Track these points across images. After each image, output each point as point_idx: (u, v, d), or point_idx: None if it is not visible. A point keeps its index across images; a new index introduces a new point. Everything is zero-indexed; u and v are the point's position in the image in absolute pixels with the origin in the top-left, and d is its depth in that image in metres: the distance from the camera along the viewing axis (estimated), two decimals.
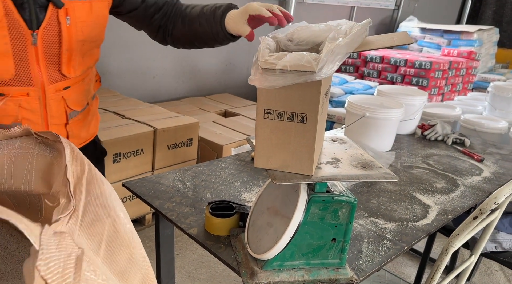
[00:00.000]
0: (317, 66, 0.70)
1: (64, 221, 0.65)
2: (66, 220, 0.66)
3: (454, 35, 4.59)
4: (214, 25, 1.08)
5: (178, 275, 2.10)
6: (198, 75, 3.59)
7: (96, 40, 1.05)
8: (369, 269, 0.95)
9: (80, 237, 0.65)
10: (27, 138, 0.89)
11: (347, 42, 0.74)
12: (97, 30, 1.03)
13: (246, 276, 0.89)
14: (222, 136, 2.63)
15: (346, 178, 0.84)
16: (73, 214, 0.69)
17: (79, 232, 0.66)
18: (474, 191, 1.42)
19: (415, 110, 1.90)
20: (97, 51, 1.11)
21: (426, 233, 1.13)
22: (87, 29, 0.99)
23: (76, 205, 0.71)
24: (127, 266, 0.64)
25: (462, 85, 4.25)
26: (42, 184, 0.85)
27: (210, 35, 1.11)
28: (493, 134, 2.43)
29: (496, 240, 1.63)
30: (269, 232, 0.90)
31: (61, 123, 1.06)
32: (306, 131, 0.80)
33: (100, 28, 1.04)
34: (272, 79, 0.73)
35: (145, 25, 1.17)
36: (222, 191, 1.26)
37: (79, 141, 1.13)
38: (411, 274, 2.24)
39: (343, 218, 0.88)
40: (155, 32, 1.18)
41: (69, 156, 0.79)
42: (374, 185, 1.39)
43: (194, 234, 1.03)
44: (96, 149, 1.25)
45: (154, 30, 1.18)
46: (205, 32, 1.11)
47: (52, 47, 0.96)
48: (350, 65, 4.25)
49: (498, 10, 6.59)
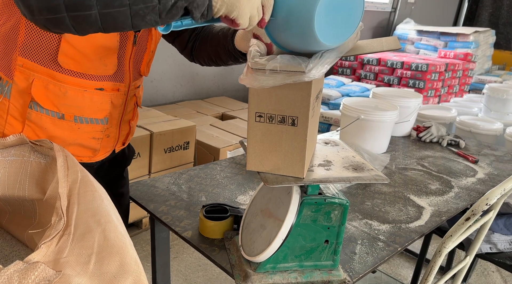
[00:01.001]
0: (306, 67, 0.71)
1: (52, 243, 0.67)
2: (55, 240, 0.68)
3: (451, 37, 4.61)
4: (226, 40, 1.09)
5: (175, 279, 2.10)
6: (196, 79, 3.60)
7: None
8: (362, 271, 0.96)
9: (71, 253, 0.67)
10: (22, 147, 0.90)
11: (337, 49, 0.75)
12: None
13: (240, 278, 0.90)
14: (219, 140, 2.63)
15: (338, 180, 0.84)
16: (65, 230, 0.70)
17: (70, 248, 0.68)
18: (468, 192, 1.42)
19: (410, 112, 1.91)
20: None
21: (420, 235, 1.13)
22: (160, 34, 1.07)
23: (68, 220, 0.72)
24: (117, 274, 0.65)
25: (459, 87, 4.27)
26: (36, 190, 0.86)
27: (224, 49, 1.11)
28: (488, 136, 2.44)
29: (491, 241, 1.63)
30: (262, 234, 0.91)
31: (128, 119, 1.12)
32: (297, 134, 0.80)
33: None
34: (262, 79, 0.73)
35: (174, 37, 1.20)
36: (217, 194, 1.27)
37: (132, 137, 1.19)
38: (408, 276, 2.25)
39: (335, 220, 0.89)
40: (183, 46, 1.20)
41: (61, 167, 0.80)
42: (368, 187, 1.40)
43: (189, 237, 1.04)
44: (129, 147, 1.28)
45: (183, 44, 1.20)
46: (220, 46, 1.11)
47: (142, 47, 1.03)
48: (347, 68, 4.27)
49: (495, 12, 6.62)
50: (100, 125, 1.00)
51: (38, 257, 0.64)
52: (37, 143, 0.88)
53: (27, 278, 0.59)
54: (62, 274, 0.63)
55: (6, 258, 0.87)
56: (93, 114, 0.98)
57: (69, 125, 0.96)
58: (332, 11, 0.70)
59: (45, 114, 0.92)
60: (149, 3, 0.63)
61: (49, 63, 0.89)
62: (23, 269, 0.59)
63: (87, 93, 0.94)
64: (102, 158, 1.09)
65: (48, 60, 0.88)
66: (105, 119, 1.01)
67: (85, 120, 0.97)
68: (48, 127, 0.93)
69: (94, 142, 1.02)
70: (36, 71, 0.89)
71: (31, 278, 0.59)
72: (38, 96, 0.90)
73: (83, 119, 0.97)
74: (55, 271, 0.63)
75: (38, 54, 0.88)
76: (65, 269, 0.64)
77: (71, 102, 0.93)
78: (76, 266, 0.65)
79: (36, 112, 0.92)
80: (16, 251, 0.88)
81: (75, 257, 0.67)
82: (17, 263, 0.60)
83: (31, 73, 0.89)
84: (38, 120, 0.92)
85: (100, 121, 1.00)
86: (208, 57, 1.17)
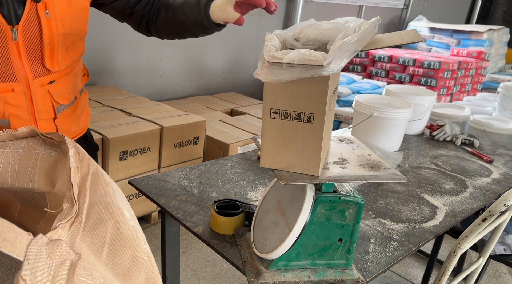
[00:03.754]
0: (325, 60, 0.69)
1: (65, 227, 0.66)
2: (67, 225, 0.67)
3: (464, 35, 4.55)
4: (198, 14, 1.07)
5: (183, 273, 2.10)
6: (205, 74, 3.59)
7: (79, 33, 1.04)
8: (376, 270, 0.94)
9: (83, 240, 0.66)
10: (33, 139, 0.90)
11: (356, 40, 0.73)
12: (79, 23, 1.02)
13: (252, 275, 0.89)
14: (228, 135, 2.62)
15: (353, 178, 0.83)
16: (76, 218, 0.69)
17: (82, 235, 0.67)
18: (483, 192, 1.40)
19: (424, 110, 1.88)
20: (81, 44, 1.10)
21: (434, 235, 1.11)
22: (68, 22, 0.98)
23: (80, 208, 0.71)
24: (130, 267, 0.64)
25: (471, 86, 4.21)
26: (46, 183, 0.85)
27: (194, 24, 1.09)
28: (503, 136, 2.40)
29: (505, 243, 1.61)
30: (274, 231, 0.90)
31: (49, 118, 1.06)
32: (313, 131, 0.79)
33: (82, 21, 1.03)
34: (278, 73, 0.72)
35: (127, 15, 1.17)
36: (228, 190, 1.26)
37: (69, 136, 1.13)
38: (418, 276, 2.22)
39: (350, 218, 0.87)
40: (138, 23, 1.18)
41: (73, 158, 0.79)
42: (381, 185, 1.38)
43: (200, 232, 1.03)
44: (87, 143, 1.25)
45: (137, 21, 1.17)
46: (190, 21, 1.10)
47: (33, 41, 0.95)
48: (358, 65, 4.23)
49: (509, 10, 6.51)
50: (2, 127, 0.95)
51: (57, 236, 0.63)
52: (48, 135, 0.88)
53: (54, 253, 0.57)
54: (81, 257, 0.62)
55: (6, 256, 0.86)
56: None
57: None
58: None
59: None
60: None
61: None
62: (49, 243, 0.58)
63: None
64: None
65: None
66: (5, 121, 0.96)
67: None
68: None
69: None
70: None
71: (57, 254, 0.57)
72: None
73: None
74: (75, 253, 0.62)
75: None
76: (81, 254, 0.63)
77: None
78: (89, 254, 0.64)
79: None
80: None
81: (87, 245, 0.66)
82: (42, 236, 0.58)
83: None
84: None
85: (1, 122, 0.96)
86: (173, 32, 1.15)
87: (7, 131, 0.85)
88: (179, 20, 1.11)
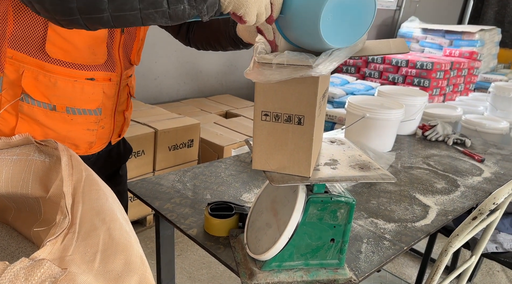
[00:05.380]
0: (314, 61, 0.70)
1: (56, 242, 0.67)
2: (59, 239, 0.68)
3: (456, 36, 4.58)
4: (228, 22, 1.07)
5: (179, 276, 2.10)
6: (199, 76, 3.60)
7: None
8: (368, 270, 0.95)
9: (76, 251, 0.67)
10: (27, 146, 0.90)
11: (347, 48, 0.75)
12: None
13: (245, 276, 0.90)
14: (223, 137, 2.63)
15: (344, 179, 0.84)
16: (70, 228, 0.70)
17: (75, 246, 0.68)
18: (474, 191, 1.42)
19: (416, 110, 1.90)
20: None
21: (426, 234, 1.12)
22: None
23: (73, 218, 0.72)
24: (122, 272, 0.65)
25: (464, 86, 4.25)
26: (40, 188, 0.86)
27: (224, 34, 1.10)
28: (494, 135, 2.43)
29: (497, 241, 1.63)
30: (268, 232, 0.91)
31: (122, 110, 1.11)
32: (304, 133, 0.80)
33: None
34: (268, 74, 0.73)
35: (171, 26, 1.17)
36: (222, 192, 1.27)
37: (127, 128, 1.18)
38: (412, 275, 2.24)
39: (341, 218, 0.88)
40: (177, 29, 1.18)
41: (66, 165, 0.80)
42: (374, 185, 1.40)
43: (194, 234, 1.04)
44: (125, 144, 1.27)
45: (176, 27, 1.17)
46: (221, 30, 1.10)
47: (131, 35, 1.02)
48: (351, 66, 4.25)
49: (500, 11, 6.57)
50: (93, 116, 0.99)
51: (44, 254, 0.64)
52: (42, 143, 0.88)
53: (33, 275, 0.59)
54: (67, 271, 0.63)
55: (12, 254, 0.87)
56: (85, 105, 0.96)
57: (62, 117, 0.94)
58: (340, 14, 0.69)
59: (36, 106, 0.91)
60: (159, 8, 0.64)
61: (37, 54, 0.88)
62: (29, 266, 0.59)
63: (78, 83, 0.93)
64: (99, 150, 1.08)
65: (37, 51, 0.88)
66: (98, 110, 1.00)
67: (78, 111, 0.96)
68: (41, 119, 0.92)
69: (89, 133, 1.01)
70: (25, 62, 0.88)
71: (37, 275, 0.59)
72: (28, 87, 0.89)
73: (76, 110, 0.96)
74: (60, 269, 0.63)
75: (26, 44, 0.87)
76: (70, 267, 0.64)
77: (61, 93, 0.92)
78: (81, 264, 0.65)
79: (27, 105, 0.91)
80: (22, 248, 0.88)
81: (80, 255, 0.67)
82: (23, 260, 0.60)
83: (21, 65, 0.88)
84: (30, 112, 0.91)
85: (93, 112, 0.99)
86: (207, 42, 1.16)
87: (1, 139, 0.86)
88: (212, 28, 1.12)
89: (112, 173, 1.22)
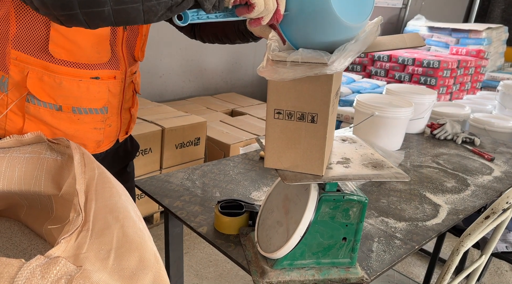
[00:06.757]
0: (328, 59, 0.70)
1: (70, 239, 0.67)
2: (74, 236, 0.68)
3: (463, 34, 4.55)
4: (240, 21, 1.06)
5: (186, 274, 2.10)
6: (204, 74, 3.59)
7: None
8: (380, 269, 0.95)
9: (90, 249, 0.67)
10: (39, 145, 0.90)
11: (359, 41, 0.74)
12: None
13: (257, 274, 0.89)
14: (229, 136, 2.63)
15: (357, 178, 0.83)
16: (83, 226, 0.70)
17: (89, 244, 0.68)
18: (485, 190, 1.40)
19: (424, 109, 1.88)
20: None
21: (437, 233, 1.12)
22: None
23: (86, 216, 0.72)
24: (136, 269, 0.65)
25: (471, 84, 4.22)
26: (52, 186, 0.86)
27: (232, 27, 1.09)
28: (503, 134, 2.41)
29: (507, 240, 1.61)
30: (279, 231, 0.90)
31: (127, 107, 1.10)
32: (317, 131, 0.79)
33: None
34: (283, 72, 0.72)
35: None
36: (231, 190, 1.26)
37: (133, 125, 1.17)
38: (420, 274, 2.23)
39: (353, 217, 0.88)
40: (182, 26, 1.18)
41: (78, 163, 0.80)
42: (383, 184, 1.39)
43: (204, 232, 1.04)
44: (132, 141, 1.27)
45: None
46: (230, 28, 1.09)
47: (134, 31, 1.01)
48: (357, 64, 4.23)
49: (507, 9, 6.52)
50: (100, 115, 0.99)
51: (59, 252, 0.64)
52: (54, 141, 0.88)
53: (49, 273, 0.59)
54: (82, 269, 0.62)
55: (24, 251, 0.87)
56: (91, 104, 0.96)
57: (68, 117, 0.94)
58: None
59: (42, 107, 0.91)
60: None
61: (41, 54, 0.88)
62: (45, 264, 0.59)
63: (83, 83, 0.93)
64: (107, 149, 1.08)
65: (40, 51, 0.87)
66: (105, 109, 0.99)
67: (84, 110, 0.96)
68: (48, 120, 0.92)
69: (96, 132, 1.01)
70: (30, 63, 0.88)
71: (53, 273, 0.59)
72: (33, 88, 0.89)
73: (82, 110, 0.95)
74: (76, 266, 0.63)
75: (29, 46, 0.87)
76: (85, 264, 0.64)
77: (67, 93, 0.92)
78: (95, 262, 0.65)
79: (33, 106, 0.91)
80: (34, 245, 0.89)
81: (94, 253, 0.67)
82: (39, 257, 0.60)
83: (25, 66, 0.88)
84: (36, 113, 0.91)
85: (100, 111, 0.99)
86: (214, 36, 1.15)
87: (13, 137, 0.86)
88: (220, 24, 1.10)
89: (120, 170, 1.22)
